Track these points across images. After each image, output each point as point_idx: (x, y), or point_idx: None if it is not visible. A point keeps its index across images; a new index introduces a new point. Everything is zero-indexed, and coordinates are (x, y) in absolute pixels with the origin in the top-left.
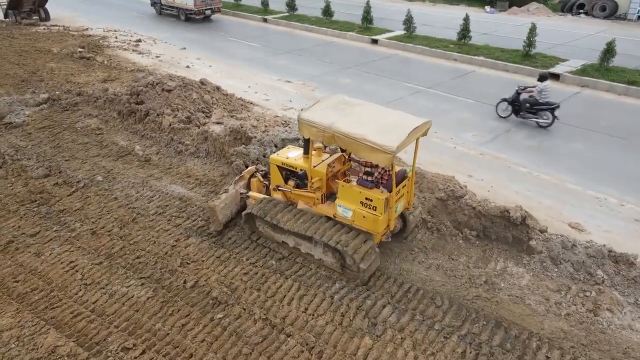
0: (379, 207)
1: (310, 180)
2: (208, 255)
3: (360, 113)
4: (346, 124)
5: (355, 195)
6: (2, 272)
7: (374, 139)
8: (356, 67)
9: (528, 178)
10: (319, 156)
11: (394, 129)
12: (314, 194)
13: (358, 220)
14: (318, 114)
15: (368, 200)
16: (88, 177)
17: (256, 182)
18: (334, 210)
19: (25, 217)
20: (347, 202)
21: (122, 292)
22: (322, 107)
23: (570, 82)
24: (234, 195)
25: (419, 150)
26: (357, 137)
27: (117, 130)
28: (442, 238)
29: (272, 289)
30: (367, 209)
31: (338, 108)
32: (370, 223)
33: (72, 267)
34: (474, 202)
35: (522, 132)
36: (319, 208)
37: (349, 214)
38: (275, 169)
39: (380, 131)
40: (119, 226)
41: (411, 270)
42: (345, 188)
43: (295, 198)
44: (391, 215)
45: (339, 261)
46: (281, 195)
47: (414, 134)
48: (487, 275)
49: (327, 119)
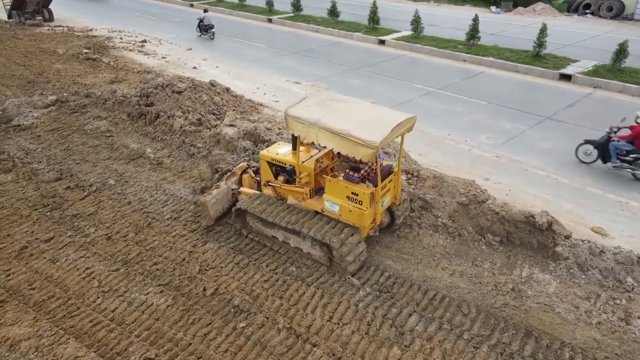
0: (365, 202)
1: (298, 175)
2: (227, 262)
3: (345, 109)
4: (332, 119)
5: (342, 190)
6: (18, 279)
7: (358, 134)
8: (364, 68)
9: (546, 181)
10: (308, 152)
11: (378, 124)
12: (302, 189)
13: (345, 214)
14: (305, 110)
15: (354, 194)
16: (100, 181)
17: (248, 178)
18: (321, 205)
19: (38, 222)
20: (334, 196)
21: (141, 300)
22: (309, 103)
23: (582, 83)
24: (226, 191)
25: (434, 152)
26: (342, 132)
27: (127, 133)
28: (464, 243)
29: (294, 296)
30: (353, 204)
31: (325, 104)
32: (357, 217)
33: (88, 273)
34: (497, 207)
35: (536, 134)
36: (307, 203)
37: (336, 209)
38: (266, 165)
39: (364, 127)
40: (134, 231)
41: (435, 277)
42: (332, 183)
43: (285, 193)
44: (377, 210)
45: (326, 255)
46: (271, 190)
47: (398, 129)
48: (513, 283)
49: (314, 114)
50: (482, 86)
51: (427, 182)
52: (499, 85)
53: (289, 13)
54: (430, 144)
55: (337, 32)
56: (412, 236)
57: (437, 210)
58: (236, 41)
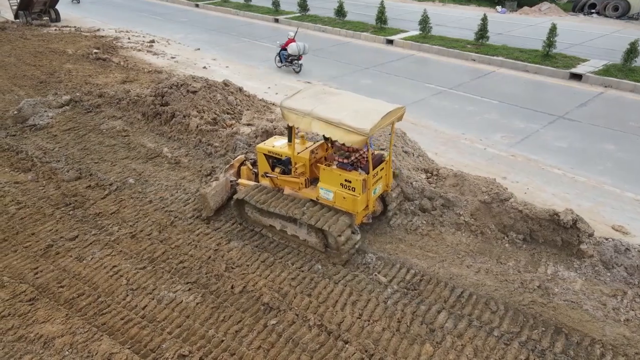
0: (358, 188)
1: (294, 165)
2: (252, 260)
3: (338, 101)
4: (325, 110)
5: (336, 177)
6: (46, 277)
7: (349, 122)
8: (374, 68)
9: (564, 180)
10: (303, 144)
11: (368, 113)
12: (298, 179)
13: (339, 201)
14: (299, 101)
15: (347, 182)
16: (120, 180)
17: (246, 170)
18: (317, 194)
19: (61, 221)
20: (328, 184)
21: (170, 298)
22: (304, 95)
23: (593, 83)
24: (225, 183)
25: (450, 151)
26: (334, 121)
27: (142, 132)
28: (487, 241)
29: (322, 294)
30: (346, 190)
31: (318, 97)
32: (350, 203)
33: (115, 271)
34: (520, 205)
35: (550, 134)
36: (303, 192)
37: (330, 196)
38: (262, 157)
39: (355, 116)
40: (158, 230)
41: (461, 275)
42: (326, 171)
43: (282, 184)
44: (369, 197)
45: (322, 241)
46: (269, 181)
47: (388, 118)
48: (539, 280)
49: (308, 106)
50: (493, 86)
51: (447, 180)
52: (510, 85)
53: (296, 13)
54: (446, 143)
55: (345, 32)
56: (434, 234)
57: (458, 208)
58: (244, 41)
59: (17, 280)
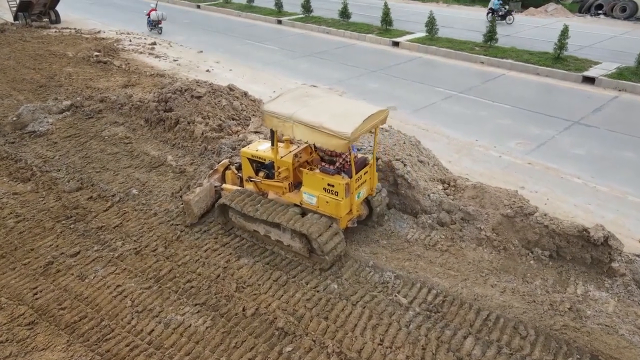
0: (341, 192)
1: (277, 170)
2: (264, 279)
3: (320, 103)
4: (305, 113)
5: (319, 181)
6: (47, 298)
7: (330, 126)
8: (381, 71)
9: (585, 190)
10: (288, 148)
11: (350, 116)
12: (281, 184)
13: (322, 205)
14: (280, 105)
15: (330, 186)
16: (122, 191)
17: (230, 174)
18: (300, 198)
19: (62, 235)
20: (311, 189)
21: (178, 321)
22: (286, 99)
23: (606, 86)
24: (209, 189)
25: (464, 159)
26: (315, 125)
27: (146, 139)
28: (511, 258)
29: (340, 317)
30: (329, 195)
31: (300, 100)
32: (333, 208)
33: (119, 291)
34: (546, 220)
35: (566, 140)
36: (286, 196)
37: (313, 200)
38: (246, 161)
39: (337, 119)
40: (164, 245)
41: (486, 295)
42: (309, 175)
43: (266, 188)
44: (353, 201)
45: (305, 246)
46: (253, 186)
47: (370, 121)
48: (570, 302)
49: (289, 109)
50: (504, 89)
51: (466, 192)
52: (521, 88)
53: (299, 14)
54: (459, 150)
55: (349, 34)
56: (455, 250)
57: (479, 222)
58: (247, 43)
59: (15, 302)
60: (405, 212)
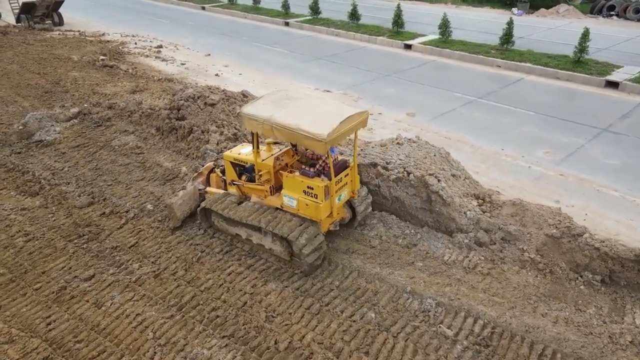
0: (320, 195)
1: (257, 173)
2: (295, 307)
3: (299, 105)
4: (283, 115)
5: (298, 184)
6: (61, 329)
7: (307, 128)
8: (395, 75)
9: (625, 204)
10: (270, 151)
11: (327, 118)
12: (262, 187)
13: (302, 208)
14: (259, 107)
15: (310, 188)
16: (137, 206)
17: (215, 177)
18: (281, 201)
19: (75, 256)
20: (291, 192)
21: (205, 356)
22: (265, 101)
23: (631, 91)
24: (192, 192)
25: (492, 170)
26: (293, 127)
27: (158, 149)
28: (559, 282)
29: (382, 352)
30: (309, 197)
31: (280, 102)
32: (313, 210)
33: (139, 321)
34: (596, 242)
35: (597, 149)
36: (268, 200)
37: (294, 203)
38: (229, 165)
39: (314, 121)
40: (184, 268)
41: (538, 326)
42: (289, 178)
43: (248, 192)
44: (333, 203)
45: (287, 249)
46: (236, 189)
47: (348, 123)
48: (631, 334)
49: (267, 112)
50: (524, 94)
51: (503, 209)
52: (542, 94)
53: (307, 16)
54: (486, 160)
55: (360, 37)
56: (496, 273)
57: (521, 243)
58: (255, 46)
59: (27, 334)
60: (439, 230)
